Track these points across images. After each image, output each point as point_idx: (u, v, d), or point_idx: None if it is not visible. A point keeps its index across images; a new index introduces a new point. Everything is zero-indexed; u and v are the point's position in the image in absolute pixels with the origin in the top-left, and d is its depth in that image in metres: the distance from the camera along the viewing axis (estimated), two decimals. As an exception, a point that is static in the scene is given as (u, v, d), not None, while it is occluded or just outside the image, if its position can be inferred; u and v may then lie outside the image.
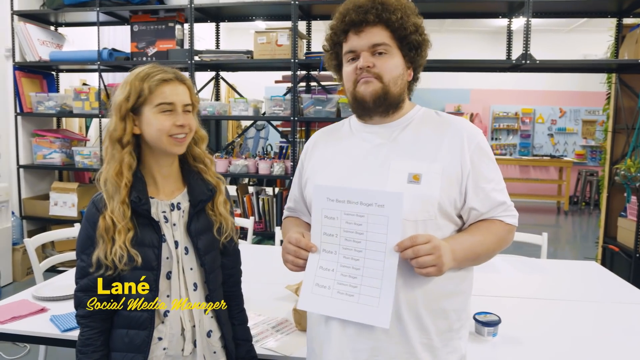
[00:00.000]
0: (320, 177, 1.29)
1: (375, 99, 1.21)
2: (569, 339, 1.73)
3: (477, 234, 1.21)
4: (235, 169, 4.16)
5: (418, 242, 1.07)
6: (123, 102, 1.23)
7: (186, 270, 1.31)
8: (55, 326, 1.72)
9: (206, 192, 1.33)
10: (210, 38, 4.81)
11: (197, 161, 1.36)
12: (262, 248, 3.00)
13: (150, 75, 1.24)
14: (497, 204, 1.22)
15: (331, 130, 1.40)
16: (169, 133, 1.24)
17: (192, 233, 1.30)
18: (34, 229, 4.57)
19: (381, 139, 1.25)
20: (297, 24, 3.88)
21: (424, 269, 1.07)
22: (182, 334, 1.30)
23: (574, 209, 8.81)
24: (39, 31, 4.48)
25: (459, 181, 1.19)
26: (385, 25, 1.19)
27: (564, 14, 4.10)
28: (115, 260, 1.19)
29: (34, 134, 4.58)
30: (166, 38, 4.20)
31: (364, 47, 1.20)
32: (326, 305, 1.14)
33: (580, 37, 8.37)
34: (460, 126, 1.24)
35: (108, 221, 1.20)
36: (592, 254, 5.38)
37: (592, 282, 2.41)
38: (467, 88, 9.23)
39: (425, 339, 1.18)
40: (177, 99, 1.25)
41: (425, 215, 1.16)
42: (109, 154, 1.25)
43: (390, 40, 1.20)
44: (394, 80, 1.21)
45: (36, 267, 2.49)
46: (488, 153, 1.24)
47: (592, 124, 9.17)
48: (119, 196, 1.21)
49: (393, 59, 1.21)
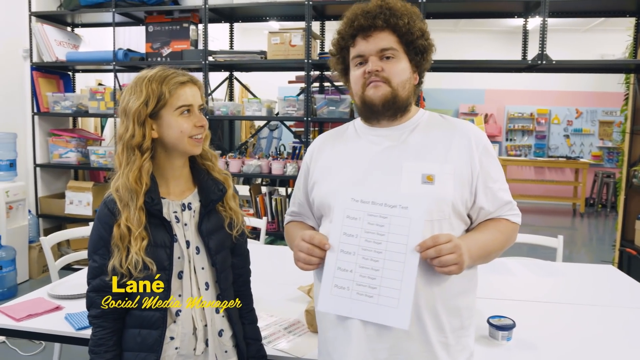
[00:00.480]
0: (331, 179, 1.29)
1: (385, 102, 1.23)
2: (585, 344, 1.70)
3: (488, 232, 1.25)
4: (248, 169, 4.17)
5: (440, 241, 1.09)
6: (141, 107, 1.22)
7: (197, 270, 1.32)
8: (69, 324, 1.73)
9: (217, 192, 1.34)
10: (225, 38, 4.83)
11: (204, 159, 1.37)
12: (275, 248, 3.00)
13: (167, 78, 1.25)
14: (503, 203, 1.27)
15: (336, 134, 1.41)
16: (190, 134, 1.26)
17: (204, 233, 1.31)
18: (49, 227, 4.63)
19: (390, 141, 1.26)
20: (311, 24, 3.87)
21: (446, 267, 1.10)
22: (194, 333, 1.31)
23: (590, 211, 8.69)
24: (55, 32, 4.53)
25: (470, 181, 1.22)
26: (393, 30, 1.22)
27: (581, 13, 4.04)
28: (131, 268, 1.20)
29: (50, 133, 4.64)
30: (181, 38, 4.23)
31: (372, 51, 1.23)
32: (345, 307, 1.15)
33: (598, 37, 8.26)
34: (467, 128, 1.28)
35: (123, 229, 1.21)
36: (608, 257, 5.30)
37: (609, 286, 2.37)
38: (481, 88, 9.15)
39: (442, 337, 1.20)
40: (194, 101, 1.28)
41: (440, 215, 1.19)
42: (125, 160, 1.24)
43: (397, 45, 1.23)
44: (402, 84, 1.24)
45: (52, 265, 2.52)
46: (493, 154, 1.29)
47: (609, 124, 9.03)
48: (136, 202, 1.21)
49: (400, 63, 1.24)
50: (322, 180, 1.32)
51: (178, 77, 1.26)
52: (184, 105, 1.25)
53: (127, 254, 1.20)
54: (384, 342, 1.17)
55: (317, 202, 1.32)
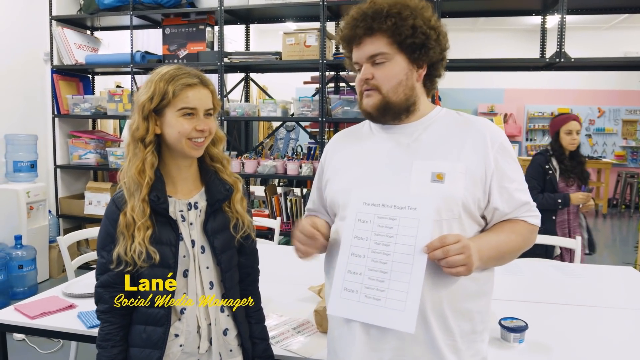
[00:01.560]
0: (343, 178, 1.29)
1: (378, 110, 1.22)
2: (600, 348, 1.66)
3: (502, 234, 1.20)
4: (263, 169, 4.18)
5: (447, 241, 1.06)
6: (146, 102, 1.25)
7: (202, 269, 1.32)
8: (82, 322, 1.76)
9: (223, 192, 1.34)
10: (241, 40, 4.86)
11: (214, 161, 1.37)
12: (288, 249, 3.00)
13: (175, 78, 1.25)
14: (520, 204, 1.22)
15: (351, 132, 1.39)
16: (188, 136, 1.26)
17: (209, 232, 1.32)
18: (69, 227, 4.71)
19: (403, 139, 1.24)
20: (325, 25, 3.87)
21: (454, 268, 1.07)
22: (198, 331, 1.31)
23: (613, 212, 8.50)
24: (75, 35, 4.62)
25: (483, 181, 1.18)
26: (380, 34, 1.18)
27: (601, 10, 3.96)
28: (135, 256, 1.22)
29: (70, 135, 4.72)
30: (197, 40, 4.26)
31: (363, 58, 1.21)
32: (354, 310, 1.14)
33: (621, 34, 8.07)
34: (483, 126, 1.23)
35: (129, 218, 1.23)
36: (631, 259, 5.17)
37: (628, 289, 2.31)
38: (500, 88, 9.03)
39: (450, 340, 1.17)
40: (199, 104, 1.26)
41: (450, 214, 1.16)
42: (131, 152, 1.27)
43: (388, 47, 1.18)
44: (394, 90, 1.20)
45: (68, 265, 2.56)
46: (511, 153, 1.23)
47: (633, 123, 8.82)
48: (139, 194, 1.23)
49: (393, 67, 1.20)
50: (334, 178, 1.31)
51: (186, 79, 1.25)
52: (187, 108, 1.25)
53: (132, 242, 1.22)
54: (388, 343, 1.16)
55: (329, 200, 1.32)
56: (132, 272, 1.25)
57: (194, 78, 1.26)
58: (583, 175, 3.19)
